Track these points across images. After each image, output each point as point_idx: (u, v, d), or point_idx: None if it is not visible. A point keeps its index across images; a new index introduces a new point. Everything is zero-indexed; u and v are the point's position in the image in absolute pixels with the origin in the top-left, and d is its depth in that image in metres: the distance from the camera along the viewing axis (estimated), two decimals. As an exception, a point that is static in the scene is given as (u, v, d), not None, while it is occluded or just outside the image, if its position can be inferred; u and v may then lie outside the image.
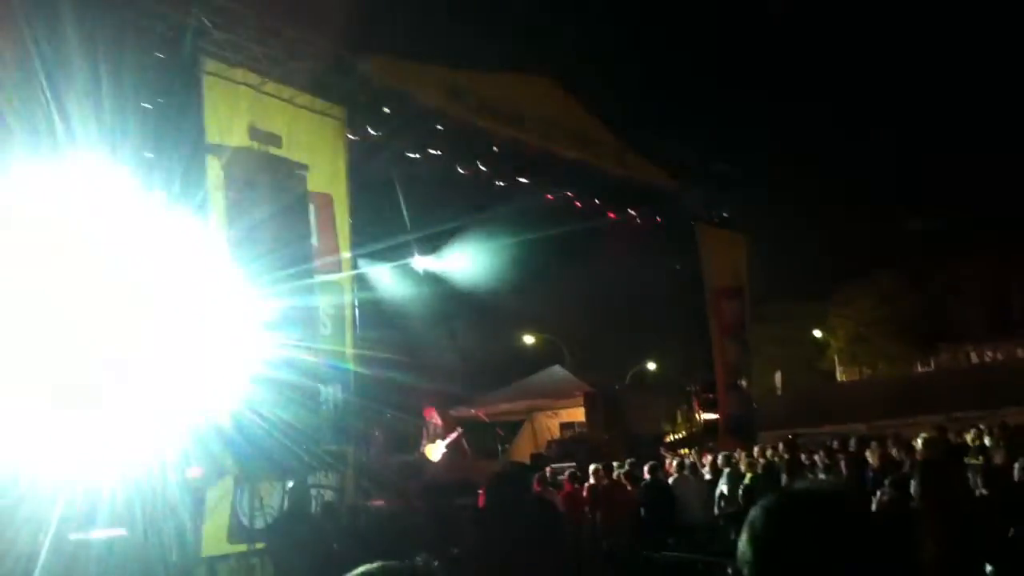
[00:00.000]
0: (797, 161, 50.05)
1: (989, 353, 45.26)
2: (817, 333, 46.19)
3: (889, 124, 55.09)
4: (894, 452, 12.88)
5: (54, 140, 9.99)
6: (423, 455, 18.51)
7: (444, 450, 18.54)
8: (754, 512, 1.58)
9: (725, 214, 24.38)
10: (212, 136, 12.03)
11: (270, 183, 12.63)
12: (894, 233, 43.11)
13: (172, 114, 11.96)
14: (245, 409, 11.41)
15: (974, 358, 44.49)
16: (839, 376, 45.63)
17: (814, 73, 63.07)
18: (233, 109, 12.37)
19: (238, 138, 12.37)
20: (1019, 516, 8.40)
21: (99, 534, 9.58)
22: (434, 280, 23.67)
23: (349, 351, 13.53)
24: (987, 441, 14.55)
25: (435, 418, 19.10)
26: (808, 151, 49.71)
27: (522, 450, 23.65)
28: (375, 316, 18.96)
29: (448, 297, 23.23)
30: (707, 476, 15.97)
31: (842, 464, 13.20)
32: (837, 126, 54.93)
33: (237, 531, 11.48)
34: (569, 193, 20.02)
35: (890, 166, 50.51)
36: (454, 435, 18.79)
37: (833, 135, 49.12)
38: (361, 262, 15.30)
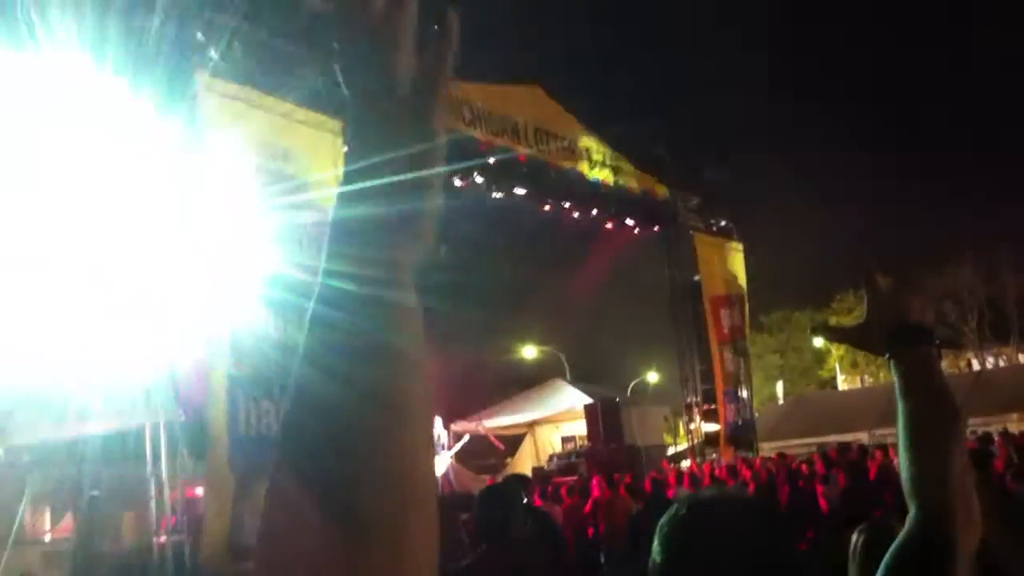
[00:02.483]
0: (795, 168, 50.18)
1: (991, 359, 45.19)
2: (818, 342, 46.14)
3: (891, 129, 55.22)
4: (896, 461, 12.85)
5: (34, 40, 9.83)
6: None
7: (450, 461, 18.46)
8: (664, 518, 1.59)
9: (723, 222, 24.37)
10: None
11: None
12: (892, 240, 43.09)
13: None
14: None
15: (975, 364, 44.42)
16: (840, 384, 45.50)
17: (817, 79, 63.30)
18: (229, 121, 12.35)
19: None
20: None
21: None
22: (432, 294, 23.60)
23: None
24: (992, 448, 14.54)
25: (439, 429, 19.04)
26: (807, 158, 49.84)
27: (524, 464, 23.60)
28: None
29: (449, 309, 23.19)
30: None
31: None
32: (840, 132, 54.99)
33: (240, 550, 11.37)
34: (566, 204, 20.00)
35: (890, 172, 50.59)
36: (458, 447, 18.72)
37: (835, 142, 49.16)
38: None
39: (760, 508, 1.67)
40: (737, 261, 24.73)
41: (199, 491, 12.29)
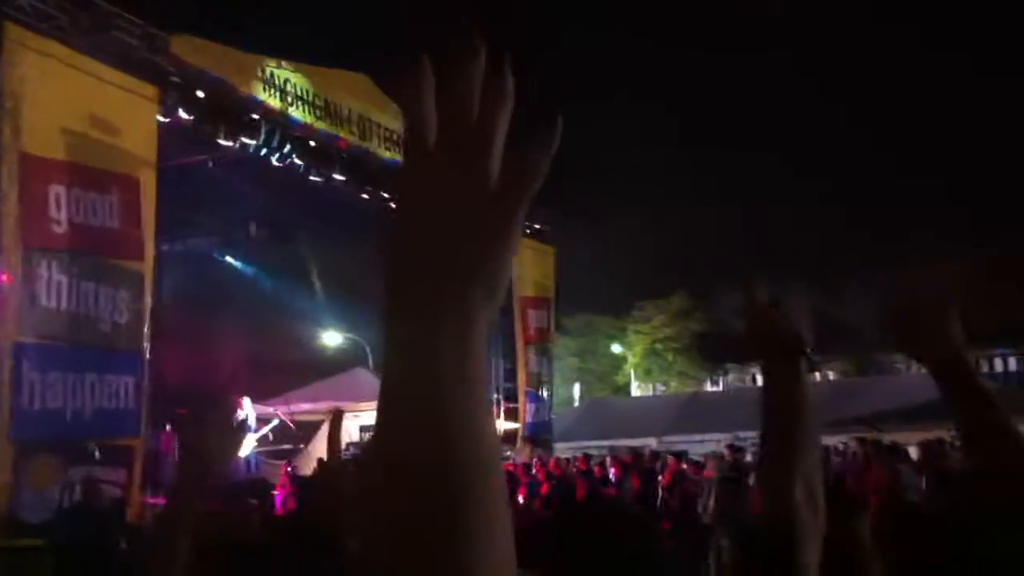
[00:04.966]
0: (610, 177, 51.51)
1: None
2: (616, 348, 47.46)
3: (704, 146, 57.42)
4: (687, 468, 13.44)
5: None
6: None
7: (255, 445, 18.03)
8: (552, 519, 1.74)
9: (537, 225, 24.77)
10: (9, 105, 11.35)
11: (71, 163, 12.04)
12: (694, 254, 44.83)
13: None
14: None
15: (760, 379, 46.67)
16: (634, 391, 46.99)
17: (633, 84, 65.08)
18: (36, 80, 11.70)
19: (41, 113, 11.73)
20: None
21: None
22: (238, 274, 23.13)
23: (146, 341, 13.02)
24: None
25: (247, 410, 18.56)
26: (621, 168, 51.26)
27: (320, 451, 23.30)
28: (178, 304, 18.34)
29: (253, 291, 22.75)
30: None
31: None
32: (657, 147, 56.78)
33: (13, 525, 10.81)
34: (385, 194, 19.90)
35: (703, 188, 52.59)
36: (266, 430, 18.29)
37: (654, 152, 50.74)
38: (166, 248, 14.75)
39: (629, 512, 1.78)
40: (548, 264, 25.20)
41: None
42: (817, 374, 45.92)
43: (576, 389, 45.49)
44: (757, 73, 63.78)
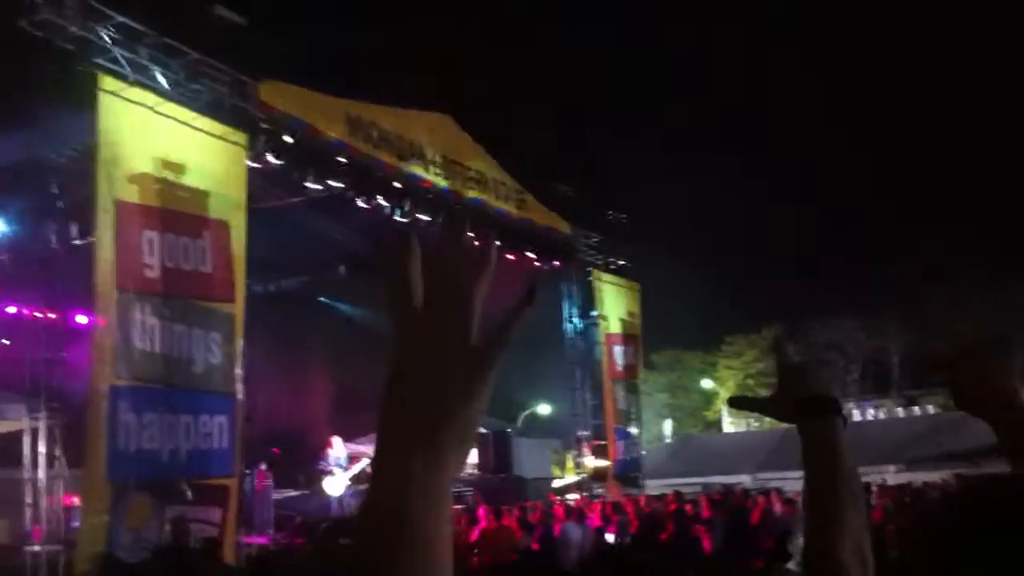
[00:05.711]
0: (692, 213, 51.18)
1: (871, 411, 46.55)
2: (707, 383, 46.94)
3: (783, 179, 56.71)
4: (778, 506, 13.13)
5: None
6: (320, 489, 18.08)
7: (348, 483, 18.14)
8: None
9: (621, 261, 24.69)
10: (105, 154, 11.69)
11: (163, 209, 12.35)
12: (783, 288, 44.17)
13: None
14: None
15: (856, 415, 45.75)
16: (726, 427, 46.36)
17: (716, 125, 64.76)
18: (129, 129, 12.06)
19: (135, 160, 12.07)
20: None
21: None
22: (329, 314, 23.44)
23: (238, 381, 13.22)
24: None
25: (338, 449, 18.72)
26: (704, 204, 50.89)
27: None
28: (270, 345, 18.63)
29: (343, 330, 23.01)
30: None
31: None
32: (737, 179, 56.30)
33: (111, 565, 11.03)
34: (468, 233, 19.98)
35: (785, 223, 51.91)
36: (358, 468, 18.37)
37: (732, 188, 50.27)
38: (257, 289, 15.01)
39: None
40: (633, 300, 25.09)
41: (75, 500, 11.94)
42: (916, 408, 44.92)
43: (667, 426, 45.03)
44: (845, 98, 62.93)
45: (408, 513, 0.97)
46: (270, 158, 14.71)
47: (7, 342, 14.89)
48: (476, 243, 1.06)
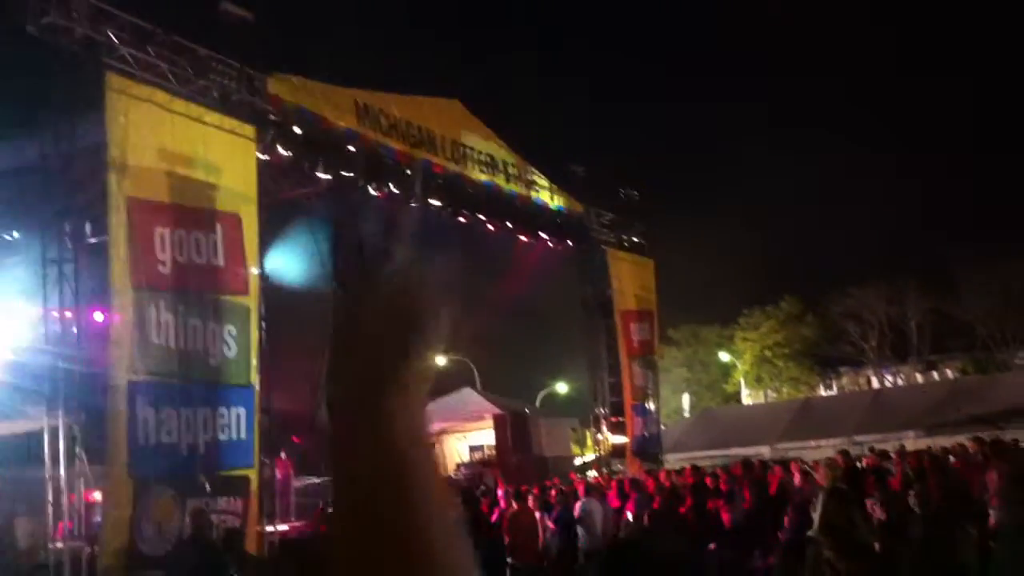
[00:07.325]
0: (704, 187, 51.03)
1: (889, 378, 46.39)
2: (724, 356, 46.89)
3: (799, 151, 56.46)
4: (797, 477, 13.13)
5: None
6: None
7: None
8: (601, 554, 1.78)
9: (635, 239, 24.69)
10: (115, 153, 11.76)
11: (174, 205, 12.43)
12: (798, 260, 44.08)
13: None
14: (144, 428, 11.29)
15: (875, 382, 45.59)
16: (745, 399, 46.32)
17: (729, 101, 64.43)
18: (139, 127, 12.12)
19: (145, 158, 12.14)
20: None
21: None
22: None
23: (255, 373, 13.32)
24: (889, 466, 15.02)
25: None
26: (716, 178, 50.76)
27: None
28: (284, 335, 18.71)
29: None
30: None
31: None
32: (749, 151, 56.05)
33: (135, 558, 11.17)
34: (481, 216, 20.06)
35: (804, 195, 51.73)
36: None
37: (747, 161, 50.13)
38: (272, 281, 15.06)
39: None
40: (648, 276, 25.06)
41: (97, 496, 12.06)
42: (935, 373, 44.76)
43: (685, 400, 45.03)
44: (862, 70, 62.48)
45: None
46: (280, 150, 14.78)
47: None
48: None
